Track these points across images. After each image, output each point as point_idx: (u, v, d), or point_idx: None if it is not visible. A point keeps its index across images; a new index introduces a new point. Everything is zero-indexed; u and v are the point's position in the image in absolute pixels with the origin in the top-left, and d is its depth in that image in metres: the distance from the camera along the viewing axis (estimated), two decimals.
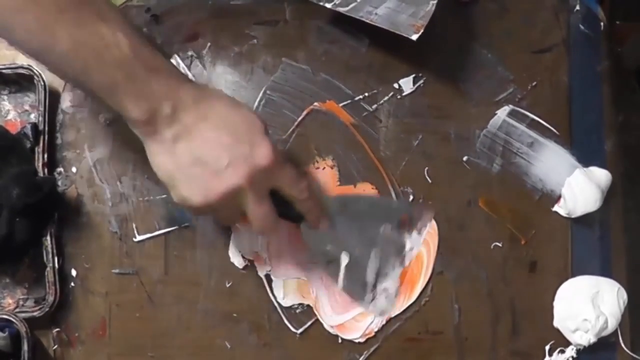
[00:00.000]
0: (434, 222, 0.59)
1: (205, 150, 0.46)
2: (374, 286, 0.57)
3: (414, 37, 0.54)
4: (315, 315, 0.59)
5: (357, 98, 0.61)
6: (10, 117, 0.62)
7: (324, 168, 0.60)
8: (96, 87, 0.45)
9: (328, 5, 0.58)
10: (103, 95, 0.45)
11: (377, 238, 0.57)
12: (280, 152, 0.49)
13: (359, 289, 0.57)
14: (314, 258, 0.57)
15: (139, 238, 0.60)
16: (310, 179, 0.56)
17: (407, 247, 0.58)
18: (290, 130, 0.60)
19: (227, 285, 0.59)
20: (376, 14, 0.56)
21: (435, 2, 0.55)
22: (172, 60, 0.61)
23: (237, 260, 0.59)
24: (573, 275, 0.59)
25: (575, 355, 0.58)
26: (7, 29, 0.43)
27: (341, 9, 0.58)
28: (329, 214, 0.55)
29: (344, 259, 0.55)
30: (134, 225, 0.60)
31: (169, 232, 0.60)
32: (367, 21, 0.56)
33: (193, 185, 0.47)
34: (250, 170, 0.46)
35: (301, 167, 0.58)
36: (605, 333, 0.57)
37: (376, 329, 0.59)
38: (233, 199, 0.48)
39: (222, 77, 0.61)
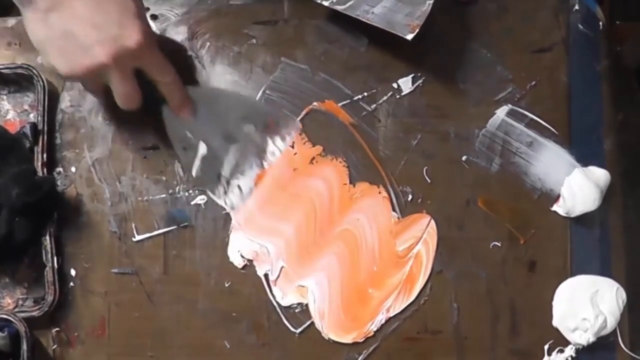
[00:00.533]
0: (433, 222, 0.59)
1: (76, 25, 0.50)
2: (228, 181, 0.57)
3: (409, 36, 0.54)
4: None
5: (356, 98, 0.61)
6: (9, 116, 0.62)
7: (339, 161, 0.60)
8: None
9: (325, 3, 0.58)
10: None
11: (239, 135, 0.59)
12: (150, 36, 0.52)
13: (212, 179, 0.59)
14: (172, 142, 0.59)
15: (138, 238, 0.60)
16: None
17: (269, 150, 0.59)
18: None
19: (226, 285, 0.59)
20: (373, 12, 0.56)
21: (431, 2, 0.55)
22: None
23: (236, 260, 0.59)
24: (572, 274, 0.58)
25: (574, 355, 0.58)
26: None
27: (338, 7, 0.58)
28: (193, 103, 0.57)
29: (202, 149, 0.57)
30: (133, 225, 0.60)
31: (168, 231, 0.60)
32: (364, 20, 0.56)
33: (61, 56, 0.51)
34: (116, 50, 0.50)
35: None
36: (604, 332, 0.57)
37: (375, 329, 0.59)
38: (98, 74, 0.51)
39: (222, 76, 0.61)
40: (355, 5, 0.57)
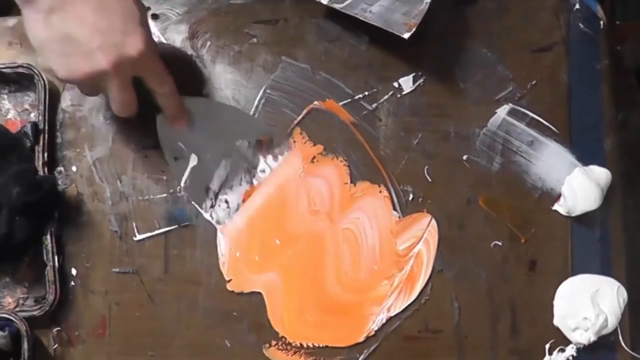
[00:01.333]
0: (434, 221, 0.59)
1: (78, 29, 0.48)
2: (216, 195, 0.57)
3: (406, 35, 0.54)
4: None
5: (356, 97, 0.61)
6: (10, 116, 0.62)
7: (340, 160, 0.60)
8: None
9: (324, 2, 0.58)
10: None
11: (231, 150, 0.58)
12: (152, 45, 0.51)
13: (200, 192, 0.58)
14: (163, 151, 0.58)
15: (139, 237, 0.60)
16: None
17: (260, 167, 0.59)
18: (290, 129, 0.60)
19: (227, 285, 0.59)
20: (370, 11, 0.56)
21: (429, 0, 0.56)
22: None
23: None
24: (573, 273, 0.58)
25: (575, 354, 0.58)
26: None
27: (336, 6, 0.58)
28: (189, 114, 0.57)
29: (193, 160, 0.57)
30: (134, 224, 0.60)
31: (169, 231, 0.60)
32: (361, 18, 0.56)
33: (60, 60, 0.49)
34: (117, 58, 0.49)
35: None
36: (605, 332, 0.57)
37: (376, 328, 0.59)
38: (96, 80, 0.50)
39: (222, 76, 0.61)
40: (353, 4, 0.57)
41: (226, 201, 0.57)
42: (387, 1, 0.57)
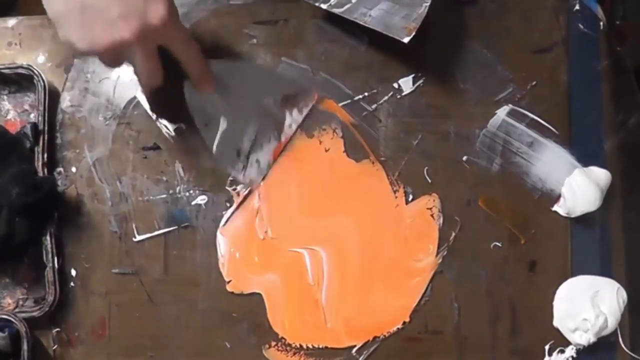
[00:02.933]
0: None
1: None
2: (247, 156, 0.56)
3: (406, 39, 0.54)
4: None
5: (356, 98, 0.61)
6: (10, 116, 0.62)
7: (333, 131, 0.60)
8: None
9: (324, 6, 0.58)
10: None
11: (258, 109, 0.57)
12: (175, 11, 0.49)
13: (232, 155, 0.57)
14: (194, 117, 0.57)
15: (138, 238, 0.60)
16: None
17: (287, 123, 0.58)
18: (293, 132, 0.60)
19: (227, 285, 0.59)
20: (370, 15, 0.56)
21: (428, 4, 0.55)
22: None
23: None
24: (573, 274, 0.58)
25: (574, 355, 0.58)
26: None
27: (336, 10, 0.58)
28: (214, 78, 0.55)
29: (223, 124, 0.55)
30: (133, 225, 0.60)
31: (168, 231, 0.60)
32: (361, 23, 0.56)
33: (80, 31, 0.47)
34: (140, 26, 0.46)
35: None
36: (605, 333, 0.56)
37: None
38: (119, 50, 0.48)
39: None
40: (352, 8, 0.57)
41: (257, 160, 0.57)
42: (387, 5, 0.57)
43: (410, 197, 0.60)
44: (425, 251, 0.59)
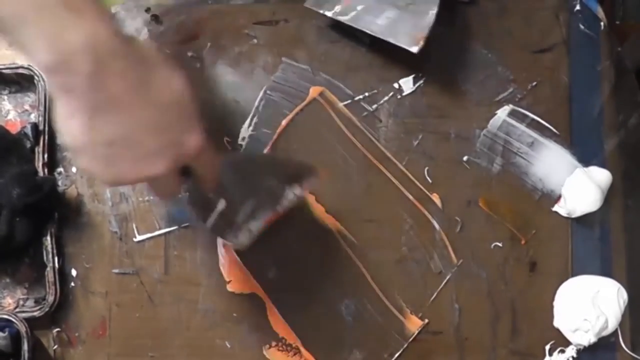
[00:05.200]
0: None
1: (131, 131, 0.39)
2: (240, 227, 0.54)
3: (414, 49, 0.54)
4: None
5: (357, 98, 0.61)
6: (10, 117, 0.62)
7: None
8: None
9: (328, 14, 0.58)
10: (8, 28, 0.36)
11: (258, 188, 0.54)
12: (205, 136, 0.43)
13: (225, 227, 0.54)
14: (191, 201, 0.53)
15: (139, 238, 0.60)
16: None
17: (285, 196, 0.55)
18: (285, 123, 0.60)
19: (227, 285, 0.59)
20: (376, 23, 0.56)
21: (435, 11, 0.55)
22: None
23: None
24: (573, 275, 0.58)
25: (575, 355, 0.58)
26: None
27: (341, 18, 0.58)
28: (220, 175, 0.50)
29: (220, 205, 0.53)
30: (134, 225, 0.60)
31: (169, 232, 0.60)
32: (368, 32, 0.56)
33: (104, 166, 0.40)
34: (175, 158, 0.41)
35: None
36: (605, 333, 0.56)
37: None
38: (144, 182, 0.43)
39: (222, 77, 0.61)
40: (358, 16, 0.57)
41: (249, 229, 0.55)
42: (393, 13, 0.56)
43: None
44: None
